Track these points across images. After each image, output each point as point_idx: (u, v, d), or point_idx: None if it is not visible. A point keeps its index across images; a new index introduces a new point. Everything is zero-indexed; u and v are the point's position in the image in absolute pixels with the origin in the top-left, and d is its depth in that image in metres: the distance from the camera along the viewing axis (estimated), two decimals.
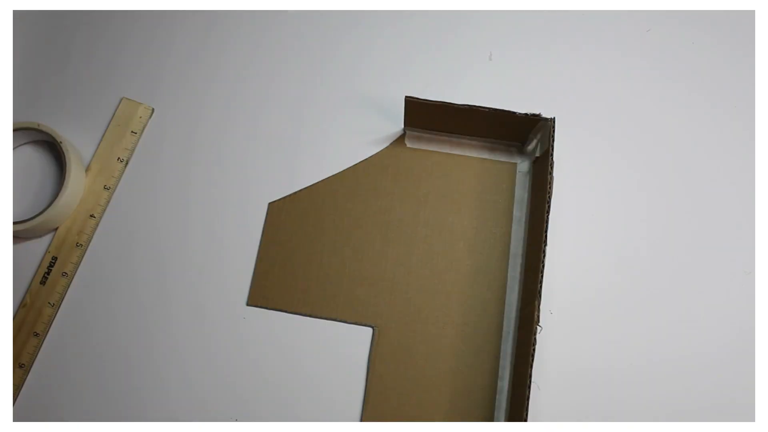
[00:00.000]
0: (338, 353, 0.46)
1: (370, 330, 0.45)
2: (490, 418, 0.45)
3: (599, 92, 0.51)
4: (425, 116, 0.46)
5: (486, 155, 0.49)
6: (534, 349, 0.41)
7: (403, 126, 0.49)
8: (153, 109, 0.49)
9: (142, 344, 0.45)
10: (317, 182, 0.48)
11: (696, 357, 0.45)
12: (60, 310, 0.45)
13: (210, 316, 0.46)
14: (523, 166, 0.49)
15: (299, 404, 0.45)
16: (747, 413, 0.44)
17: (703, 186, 0.49)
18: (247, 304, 0.45)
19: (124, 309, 0.46)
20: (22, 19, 0.51)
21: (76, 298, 0.46)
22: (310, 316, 0.45)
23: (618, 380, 0.45)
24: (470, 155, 0.49)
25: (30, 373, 0.44)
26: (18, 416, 0.43)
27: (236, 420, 0.44)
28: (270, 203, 0.47)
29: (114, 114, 0.48)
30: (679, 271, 0.47)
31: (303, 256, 0.46)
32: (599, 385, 0.45)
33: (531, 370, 0.40)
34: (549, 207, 0.43)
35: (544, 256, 0.42)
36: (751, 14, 0.53)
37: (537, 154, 0.47)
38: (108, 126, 0.48)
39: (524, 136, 0.48)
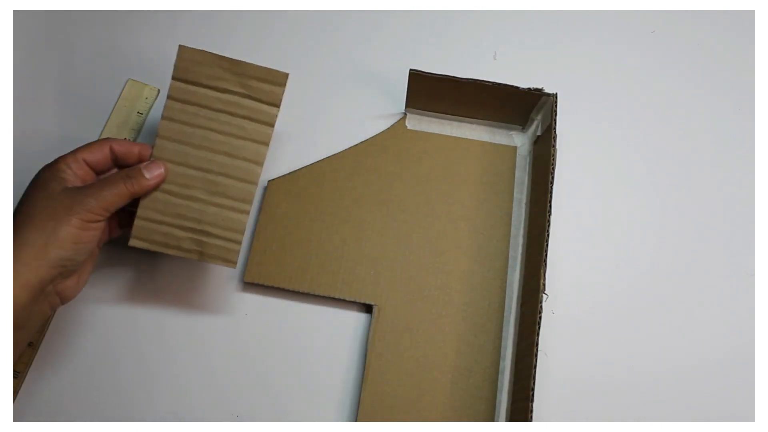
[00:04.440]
0: (337, 335, 0.44)
1: (368, 315, 0.44)
2: (492, 398, 0.42)
3: (604, 92, 0.52)
4: (428, 94, 0.47)
5: (486, 138, 0.49)
6: (540, 317, 0.39)
7: (404, 109, 0.49)
8: (158, 90, 0.49)
9: (140, 337, 0.44)
10: (317, 161, 0.48)
11: (696, 357, 0.45)
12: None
13: (206, 294, 0.45)
14: (523, 149, 0.49)
15: (298, 386, 0.43)
16: (747, 413, 0.43)
17: (705, 185, 0.49)
18: (244, 281, 0.44)
19: (119, 290, 0.45)
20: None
21: None
22: (309, 293, 0.44)
23: (618, 380, 0.44)
24: (471, 138, 0.49)
25: (28, 373, 0.42)
26: (18, 416, 0.42)
27: (237, 416, 0.42)
28: (269, 181, 0.47)
29: (120, 95, 0.49)
30: (680, 272, 0.47)
31: (302, 234, 0.46)
32: (599, 385, 0.44)
33: (537, 339, 0.39)
34: (553, 178, 0.42)
35: (549, 225, 0.41)
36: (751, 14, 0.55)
37: (539, 133, 0.47)
38: (114, 107, 0.48)
39: (524, 120, 0.48)
